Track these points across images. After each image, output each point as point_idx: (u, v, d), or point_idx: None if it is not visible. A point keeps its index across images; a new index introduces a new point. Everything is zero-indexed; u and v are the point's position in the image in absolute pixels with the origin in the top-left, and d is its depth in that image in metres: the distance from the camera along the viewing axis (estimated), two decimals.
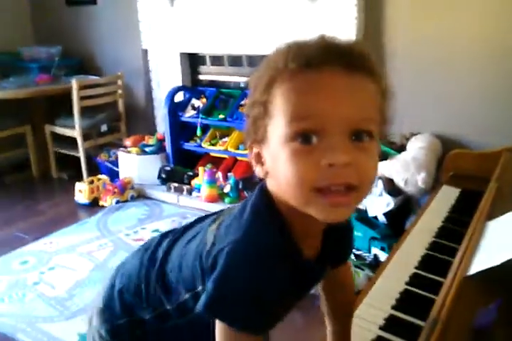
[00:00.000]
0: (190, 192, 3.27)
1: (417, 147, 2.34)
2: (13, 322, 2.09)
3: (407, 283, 1.01)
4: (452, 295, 0.76)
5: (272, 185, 0.66)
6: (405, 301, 0.96)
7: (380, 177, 2.30)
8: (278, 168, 0.60)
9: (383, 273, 1.05)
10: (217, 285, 0.61)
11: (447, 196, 1.40)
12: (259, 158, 0.65)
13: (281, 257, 0.63)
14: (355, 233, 2.24)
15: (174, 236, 0.83)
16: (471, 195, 1.36)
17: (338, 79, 0.57)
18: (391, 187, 2.26)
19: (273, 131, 0.60)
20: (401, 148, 2.46)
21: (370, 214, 2.28)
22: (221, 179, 3.20)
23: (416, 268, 1.06)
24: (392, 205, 2.20)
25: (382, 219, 2.24)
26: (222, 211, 0.78)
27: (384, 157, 2.39)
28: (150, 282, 0.79)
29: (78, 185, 3.35)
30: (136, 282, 0.81)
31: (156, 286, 0.78)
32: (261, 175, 0.66)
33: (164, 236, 0.86)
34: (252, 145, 0.66)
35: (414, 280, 1.02)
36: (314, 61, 0.57)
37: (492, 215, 1.05)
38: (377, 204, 2.24)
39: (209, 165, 3.27)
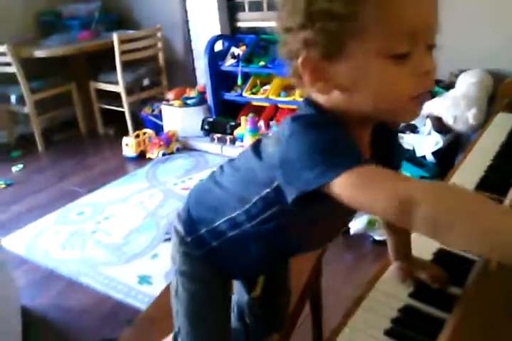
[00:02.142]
0: (233, 142, 3.30)
1: (467, 83, 2.25)
2: (76, 267, 2.23)
3: None
4: None
5: (336, 100, 0.66)
6: None
7: (427, 116, 2.25)
8: (367, 81, 0.61)
9: None
10: (306, 155, 0.61)
11: (504, 122, 1.36)
12: (320, 75, 0.63)
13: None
14: (403, 172, 2.22)
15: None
16: None
17: None
18: (440, 126, 2.20)
19: (362, 45, 0.60)
20: (449, 86, 2.37)
21: (419, 154, 2.24)
22: (263, 127, 3.20)
23: (475, 188, 1.05)
24: (441, 144, 2.15)
25: (430, 158, 2.20)
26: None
27: (432, 95, 2.32)
28: (221, 188, 0.83)
29: (125, 140, 3.43)
30: (211, 189, 0.85)
31: (230, 191, 0.81)
32: (325, 91, 0.65)
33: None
34: (309, 61, 0.63)
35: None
36: None
37: None
38: (426, 143, 2.20)
39: (251, 114, 3.27)
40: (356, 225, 2.14)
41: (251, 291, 1.03)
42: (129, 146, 3.41)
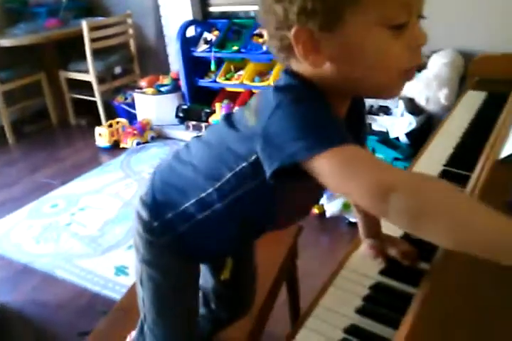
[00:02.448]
0: None
1: (439, 63, 2.25)
2: (51, 261, 2.19)
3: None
4: (485, 175, 0.75)
5: (326, 73, 0.64)
6: None
7: (400, 98, 2.25)
8: (361, 53, 0.61)
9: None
10: (295, 125, 0.60)
11: (473, 100, 1.36)
12: (313, 47, 0.62)
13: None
14: (377, 155, 2.22)
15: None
16: (499, 96, 1.32)
17: None
18: (412, 107, 2.21)
19: (361, 15, 0.59)
20: (421, 67, 2.37)
21: (392, 135, 2.24)
22: None
23: (444, 165, 1.05)
24: (414, 125, 2.15)
25: (404, 139, 2.21)
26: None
27: None
28: (188, 167, 0.79)
29: (98, 129, 3.37)
30: (177, 169, 0.82)
31: (198, 169, 0.78)
32: (316, 64, 0.63)
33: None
34: (303, 33, 0.62)
35: (443, 176, 1.01)
36: None
37: None
38: (399, 124, 2.20)
39: (226, 101, 3.23)
40: (332, 208, 2.14)
41: (218, 275, 1.01)
42: (102, 136, 3.35)
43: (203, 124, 3.27)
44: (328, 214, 2.20)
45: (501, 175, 0.79)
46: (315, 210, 2.27)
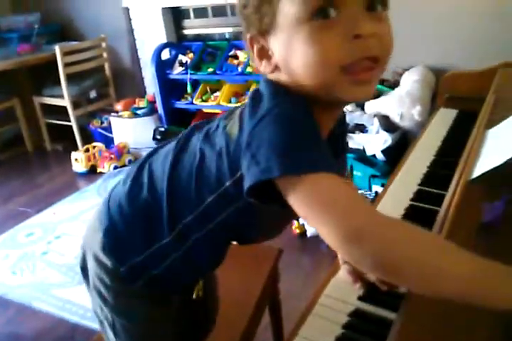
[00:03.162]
0: None
1: (410, 81, 2.30)
2: (28, 292, 2.12)
3: (411, 200, 1.00)
4: (458, 196, 0.75)
5: (283, 79, 0.63)
6: (411, 216, 0.95)
7: (374, 115, 2.27)
8: (295, 52, 0.58)
9: (384, 197, 1.03)
10: (277, 140, 0.56)
11: (445, 117, 1.38)
12: (263, 52, 0.63)
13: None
14: (355, 172, 2.23)
15: (174, 149, 0.74)
16: (469, 114, 1.34)
17: None
18: (387, 124, 2.23)
19: (285, 14, 0.57)
20: (394, 85, 2.41)
21: (368, 152, 2.26)
22: None
23: (419, 184, 1.05)
24: (389, 142, 2.17)
25: (380, 156, 2.23)
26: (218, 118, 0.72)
27: (377, 95, 2.35)
28: (154, 195, 0.71)
29: (74, 154, 3.33)
30: (139, 200, 0.73)
31: (169, 197, 0.70)
32: (268, 70, 0.63)
33: (153, 153, 0.78)
34: (253, 40, 0.63)
35: (418, 196, 1.01)
36: None
37: (491, 125, 1.03)
38: (375, 142, 2.22)
39: None
40: (312, 228, 2.13)
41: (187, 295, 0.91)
42: (78, 161, 3.31)
43: None
44: (309, 234, 2.19)
45: (474, 196, 0.79)
46: (296, 230, 2.25)
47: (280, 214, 0.70)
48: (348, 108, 2.33)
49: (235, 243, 0.80)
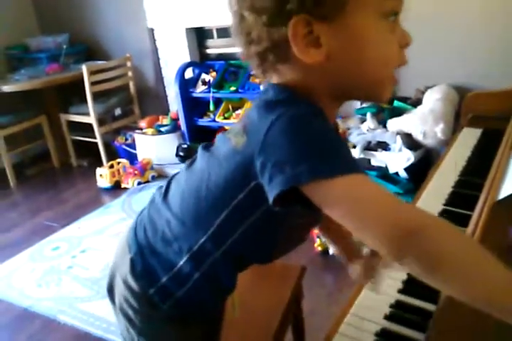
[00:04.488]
0: None
1: (433, 99, 2.30)
2: (53, 305, 2.15)
3: None
4: (484, 218, 0.75)
5: (295, 78, 0.61)
6: None
7: (397, 133, 2.28)
8: (369, 45, 0.58)
9: None
10: (298, 143, 0.54)
11: (469, 137, 1.38)
12: (311, 39, 0.57)
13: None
14: None
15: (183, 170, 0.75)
16: (494, 133, 1.34)
17: None
18: (410, 142, 2.23)
19: (361, 5, 0.56)
20: (417, 103, 2.42)
21: (391, 170, 2.26)
22: None
23: (444, 205, 1.05)
24: (412, 159, 2.17)
25: (403, 174, 2.23)
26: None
27: (400, 112, 2.36)
28: (171, 219, 0.72)
29: (99, 170, 3.39)
30: (159, 225, 0.74)
31: (183, 220, 0.70)
32: (317, 58, 0.58)
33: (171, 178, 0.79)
34: (301, 24, 0.56)
35: (443, 216, 1.01)
36: None
37: None
38: (397, 160, 2.22)
39: None
40: None
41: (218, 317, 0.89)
42: (103, 177, 3.37)
43: None
44: (331, 252, 2.18)
45: (500, 217, 0.79)
46: (318, 248, 2.25)
47: (300, 223, 0.70)
48: (370, 125, 2.34)
49: None
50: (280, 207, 0.57)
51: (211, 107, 3.32)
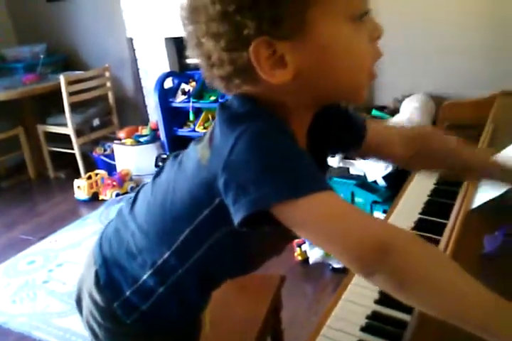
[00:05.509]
0: None
1: (410, 108, 2.32)
2: (27, 321, 2.10)
3: (412, 229, 1.00)
4: (459, 226, 0.75)
5: (255, 91, 0.58)
6: None
7: None
8: (336, 56, 0.55)
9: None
10: (262, 164, 0.52)
11: None
12: (276, 60, 0.54)
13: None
14: (356, 199, 2.23)
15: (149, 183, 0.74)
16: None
17: None
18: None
19: (323, 16, 0.53)
20: (394, 112, 2.44)
21: (370, 179, 2.26)
22: None
23: (420, 213, 1.05)
24: (390, 168, 2.18)
25: (381, 182, 2.23)
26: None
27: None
28: (136, 231, 0.71)
29: (76, 182, 3.34)
30: (125, 237, 0.73)
31: (147, 233, 0.69)
32: (286, 78, 0.55)
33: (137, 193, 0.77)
34: (262, 46, 0.53)
35: (419, 225, 1.01)
36: None
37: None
38: (376, 168, 2.23)
39: None
40: (315, 254, 2.12)
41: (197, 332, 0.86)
42: (81, 189, 3.32)
43: None
44: (311, 261, 2.17)
45: (475, 225, 0.79)
46: (298, 257, 2.24)
47: (274, 237, 0.68)
48: None
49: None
50: (247, 229, 0.55)
51: (191, 117, 3.31)
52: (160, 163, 3.34)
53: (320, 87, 0.58)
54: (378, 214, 2.17)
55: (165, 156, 3.35)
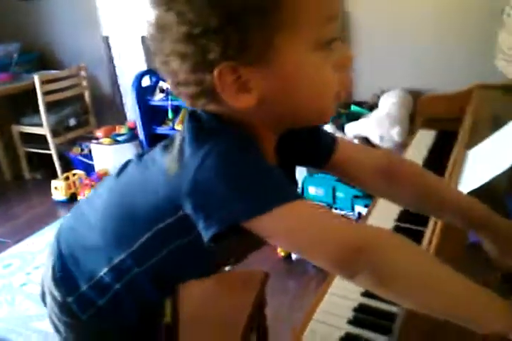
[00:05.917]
0: None
1: (389, 103, 2.35)
2: (5, 325, 2.06)
3: (396, 220, 1.01)
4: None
5: (257, 111, 0.57)
6: None
7: (355, 137, 2.30)
8: (300, 81, 0.55)
9: (372, 214, 1.04)
10: (229, 182, 0.52)
11: (424, 139, 1.41)
12: (241, 85, 0.54)
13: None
14: (337, 193, 2.24)
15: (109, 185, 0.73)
16: (448, 134, 1.36)
17: None
18: (368, 146, 2.26)
19: (292, 39, 0.53)
20: (373, 107, 2.46)
21: None
22: None
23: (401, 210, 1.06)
24: None
25: None
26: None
27: (357, 117, 2.39)
28: (93, 227, 0.70)
29: (54, 183, 3.28)
30: (81, 231, 0.72)
31: (105, 230, 0.68)
32: (251, 103, 0.55)
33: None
34: (226, 71, 0.53)
35: (403, 216, 1.02)
36: None
37: (471, 146, 1.05)
38: None
39: None
40: None
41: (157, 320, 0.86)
42: (58, 190, 3.26)
43: None
44: (294, 257, 2.18)
45: None
46: (280, 253, 2.24)
47: (248, 243, 0.67)
48: (329, 130, 2.35)
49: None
50: (215, 244, 0.55)
51: (170, 115, 3.28)
52: None
53: (284, 113, 0.58)
54: (360, 209, 2.19)
55: None
